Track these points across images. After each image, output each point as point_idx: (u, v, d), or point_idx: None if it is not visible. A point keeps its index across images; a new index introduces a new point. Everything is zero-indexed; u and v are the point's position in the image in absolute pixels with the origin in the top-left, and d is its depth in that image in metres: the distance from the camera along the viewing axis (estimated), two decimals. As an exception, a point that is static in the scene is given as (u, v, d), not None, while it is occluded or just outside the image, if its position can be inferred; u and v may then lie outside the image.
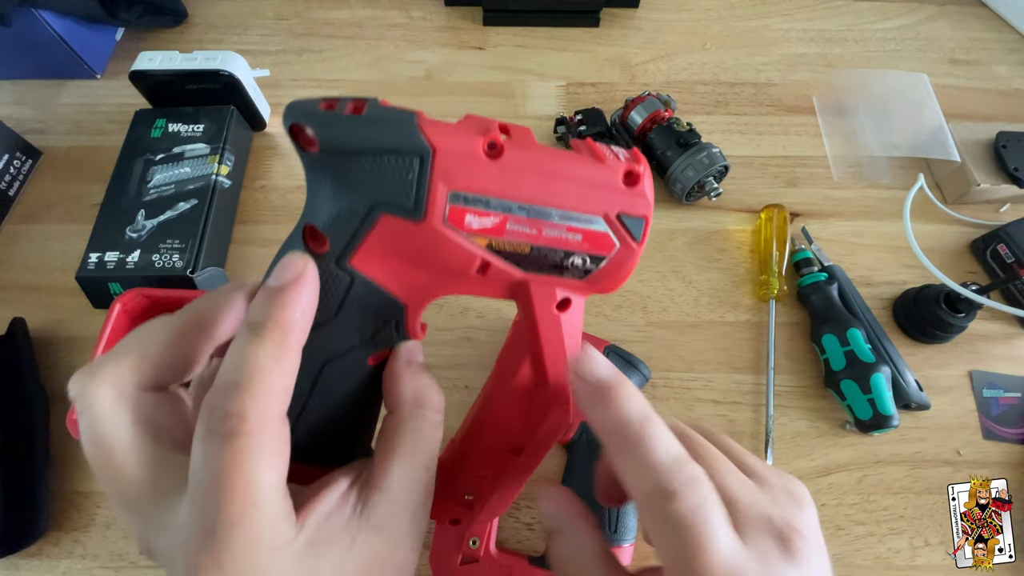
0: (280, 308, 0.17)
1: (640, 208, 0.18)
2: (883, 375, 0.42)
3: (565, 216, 0.18)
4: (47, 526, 0.39)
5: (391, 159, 0.16)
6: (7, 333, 0.44)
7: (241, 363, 0.16)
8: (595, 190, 0.18)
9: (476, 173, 0.17)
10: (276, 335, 0.16)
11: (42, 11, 0.53)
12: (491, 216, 0.17)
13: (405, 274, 0.18)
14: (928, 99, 0.58)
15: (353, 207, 0.17)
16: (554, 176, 0.17)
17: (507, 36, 0.65)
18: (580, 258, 0.18)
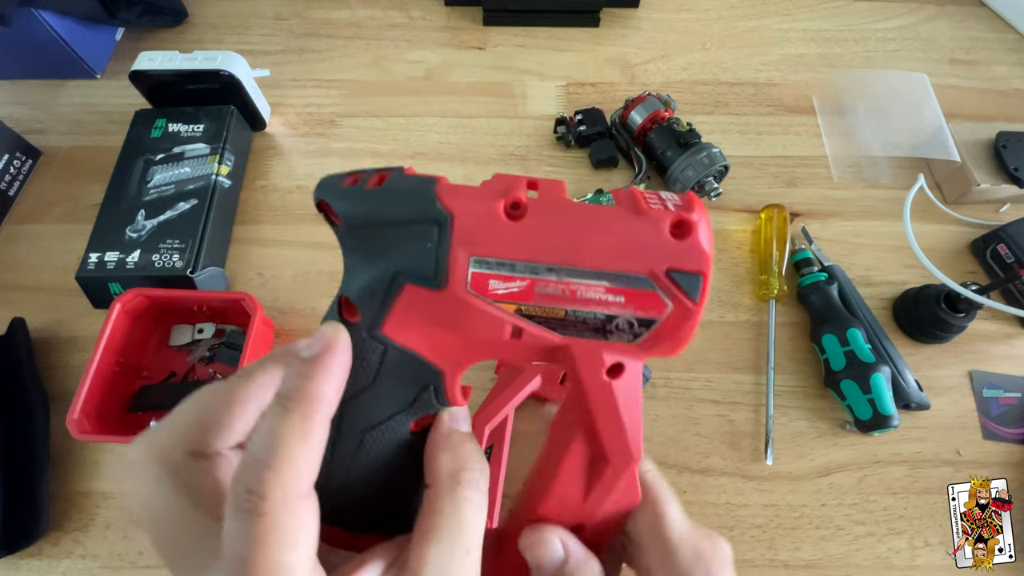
0: (308, 380, 0.16)
1: (693, 262, 0.16)
2: (883, 375, 0.42)
3: (602, 276, 0.16)
4: (47, 526, 0.39)
5: (410, 228, 0.16)
6: (7, 333, 0.44)
7: (266, 437, 0.15)
8: (636, 245, 0.16)
9: (497, 236, 0.16)
10: (303, 408, 0.16)
11: (42, 11, 0.53)
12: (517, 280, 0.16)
13: (438, 341, 0.18)
14: (928, 99, 0.58)
15: (378, 277, 0.17)
16: (586, 233, 0.16)
17: (507, 36, 0.65)
18: (626, 321, 0.17)
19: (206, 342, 0.45)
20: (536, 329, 0.17)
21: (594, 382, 0.18)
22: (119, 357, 0.42)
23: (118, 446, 0.42)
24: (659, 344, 0.17)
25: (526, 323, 0.17)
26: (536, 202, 0.16)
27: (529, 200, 0.16)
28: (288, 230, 0.52)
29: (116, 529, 0.39)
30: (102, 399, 0.40)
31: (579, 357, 0.17)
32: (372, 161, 0.56)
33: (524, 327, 0.17)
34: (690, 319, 0.16)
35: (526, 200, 0.16)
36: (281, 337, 0.46)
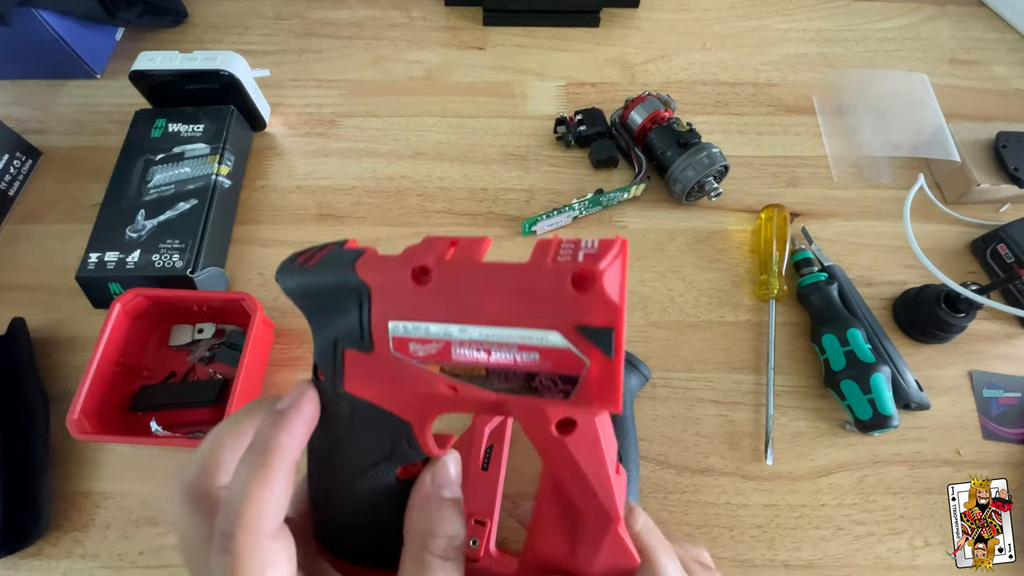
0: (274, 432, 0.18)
1: (600, 316, 0.15)
2: (883, 375, 0.42)
3: (511, 334, 0.16)
4: (47, 526, 0.39)
5: (337, 298, 0.18)
6: (7, 333, 0.44)
7: (236, 484, 0.17)
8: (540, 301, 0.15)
9: (408, 302, 0.16)
10: (265, 458, 0.17)
11: (42, 11, 0.53)
12: (433, 342, 0.16)
13: (393, 396, 0.18)
14: (928, 99, 0.58)
15: (325, 344, 0.18)
16: (490, 291, 0.16)
17: (507, 36, 0.65)
18: (548, 378, 0.16)
19: (206, 342, 0.45)
20: (466, 387, 0.17)
21: (543, 439, 0.17)
22: (119, 357, 0.42)
23: (118, 446, 0.42)
24: (592, 401, 0.16)
25: (455, 381, 0.17)
26: (444, 265, 0.16)
27: (437, 264, 0.16)
28: (288, 230, 0.52)
29: (116, 529, 0.39)
30: (102, 399, 0.40)
31: (520, 414, 0.17)
32: (372, 161, 0.56)
33: (455, 385, 0.17)
34: (612, 373, 0.15)
35: (432, 264, 0.16)
36: (281, 337, 0.46)
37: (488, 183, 0.54)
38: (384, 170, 0.55)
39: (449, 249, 0.17)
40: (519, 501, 0.25)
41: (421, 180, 0.54)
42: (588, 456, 0.17)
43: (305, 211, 0.53)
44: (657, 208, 0.54)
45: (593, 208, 0.52)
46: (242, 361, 0.40)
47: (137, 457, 0.42)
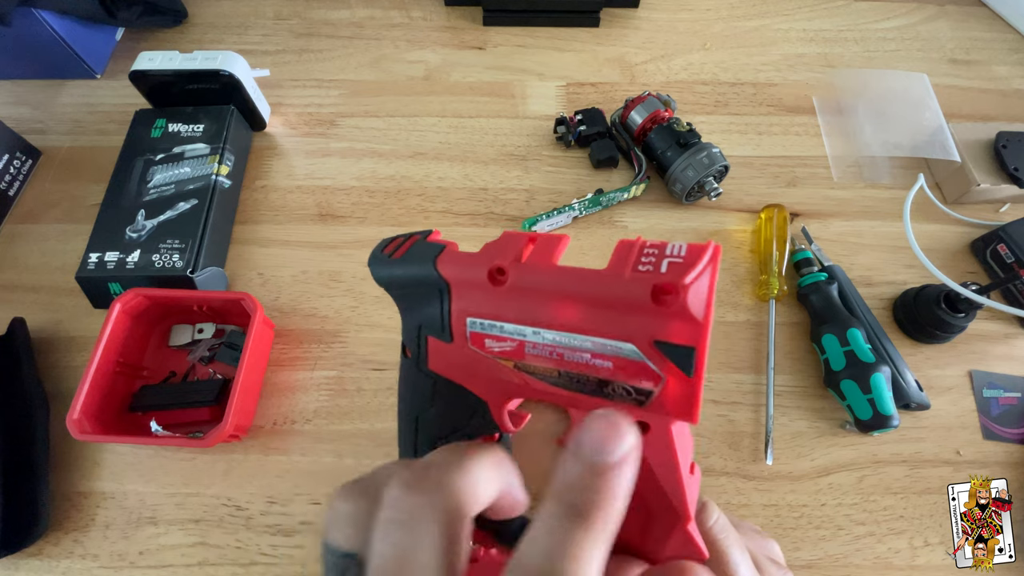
0: (610, 495, 0.14)
1: (679, 334, 0.14)
2: (883, 375, 0.42)
3: (586, 341, 0.15)
4: (47, 526, 0.39)
5: (421, 290, 0.18)
6: (7, 333, 0.44)
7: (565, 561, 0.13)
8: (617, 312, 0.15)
9: (484, 300, 0.17)
10: (608, 528, 0.13)
11: (42, 11, 0.53)
12: (507, 341, 0.17)
13: (471, 380, 0.19)
14: (928, 99, 0.58)
15: (411, 328, 0.20)
16: (564, 298, 0.16)
17: (507, 36, 0.65)
18: (621, 387, 0.15)
19: (206, 342, 0.45)
20: (539, 384, 0.17)
21: None
22: (119, 357, 0.42)
23: (118, 446, 0.42)
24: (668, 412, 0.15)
25: (528, 378, 0.17)
26: (520, 267, 0.16)
27: (512, 266, 0.16)
28: (288, 230, 0.52)
29: (116, 529, 0.39)
30: (102, 399, 0.40)
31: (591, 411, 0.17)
32: (372, 161, 0.56)
33: (527, 381, 0.17)
34: (690, 393, 0.15)
35: (508, 266, 0.16)
36: (281, 337, 0.46)
37: (488, 183, 0.54)
38: (384, 170, 0.55)
39: (527, 247, 0.17)
40: None
41: (421, 180, 0.54)
42: (660, 459, 0.16)
43: (305, 211, 0.53)
44: (657, 208, 0.54)
45: (593, 208, 0.52)
46: (242, 361, 0.40)
47: (137, 457, 0.42)
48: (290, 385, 0.44)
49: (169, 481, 0.41)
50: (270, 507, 0.40)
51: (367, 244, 0.51)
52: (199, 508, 0.40)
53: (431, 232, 0.20)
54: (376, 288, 0.48)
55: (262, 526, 0.40)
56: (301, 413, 0.43)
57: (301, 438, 0.43)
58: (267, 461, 0.42)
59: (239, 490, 0.41)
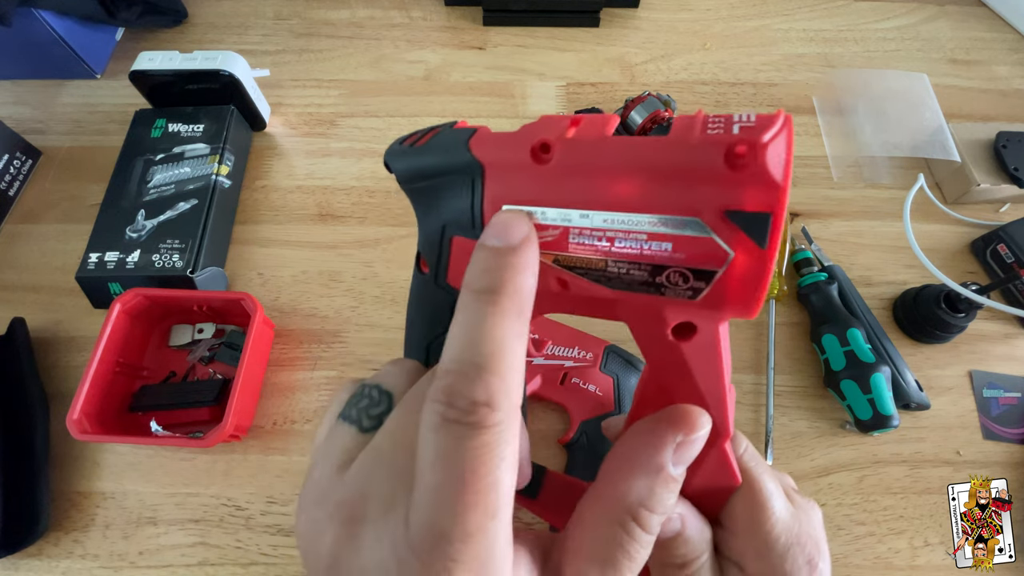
0: (514, 272, 0.14)
1: (758, 199, 0.13)
2: (883, 375, 0.42)
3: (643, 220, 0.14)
4: (47, 526, 0.39)
5: (449, 180, 0.16)
6: (7, 333, 0.44)
7: (481, 339, 0.13)
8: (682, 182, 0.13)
9: (526, 182, 0.15)
10: (516, 304, 0.14)
11: (42, 11, 0.53)
12: (550, 229, 0.15)
13: None
14: (928, 99, 0.58)
15: (432, 230, 0.17)
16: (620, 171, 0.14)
17: (507, 36, 0.65)
18: (678, 273, 0.14)
19: (206, 342, 0.45)
20: (580, 281, 0.15)
21: (658, 344, 0.15)
22: (119, 357, 0.42)
23: (118, 446, 0.42)
24: (727, 302, 0.14)
25: (568, 274, 0.15)
26: (569, 141, 0.14)
27: (561, 140, 0.14)
28: (288, 230, 0.52)
29: (116, 529, 0.39)
30: (102, 399, 0.40)
31: (636, 314, 0.15)
32: (372, 161, 0.56)
33: (567, 279, 0.15)
34: (760, 268, 0.13)
35: (554, 141, 0.14)
36: (281, 337, 0.46)
37: (488, 183, 0.54)
38: (384, 170, 0.55)
39: (571, 128, 0.15)
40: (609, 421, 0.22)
41: (421, 180, 0.54)
42: (704, 366, 0.15)
43: (305, 211, 0.53)
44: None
45: (593, 208, 0.52)
46: (242, 361, 0.40)
47: (137, 457, 0.42)
48: (290, 385, 0.44)
49: (169, 481, 0.41)
50: (270, 507, 0.40)
51: (367, 244, 0.51)
52: (199, 508, 0.40)
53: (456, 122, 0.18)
54: (376, 288, 0.49)
55: (262, 526, 0.40)
56: (301, 413, 0.43)
57: (301, 438, 0.43)
58: (267, 461, 0.42)
59: (239, 490, 0.41)
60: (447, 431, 0.13)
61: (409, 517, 0.13)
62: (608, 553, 0.15)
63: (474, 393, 0.13)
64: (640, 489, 0.16)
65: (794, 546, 0.18)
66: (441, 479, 0.13)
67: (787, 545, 0.18)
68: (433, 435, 0.13)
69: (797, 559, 0.18)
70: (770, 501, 0.18)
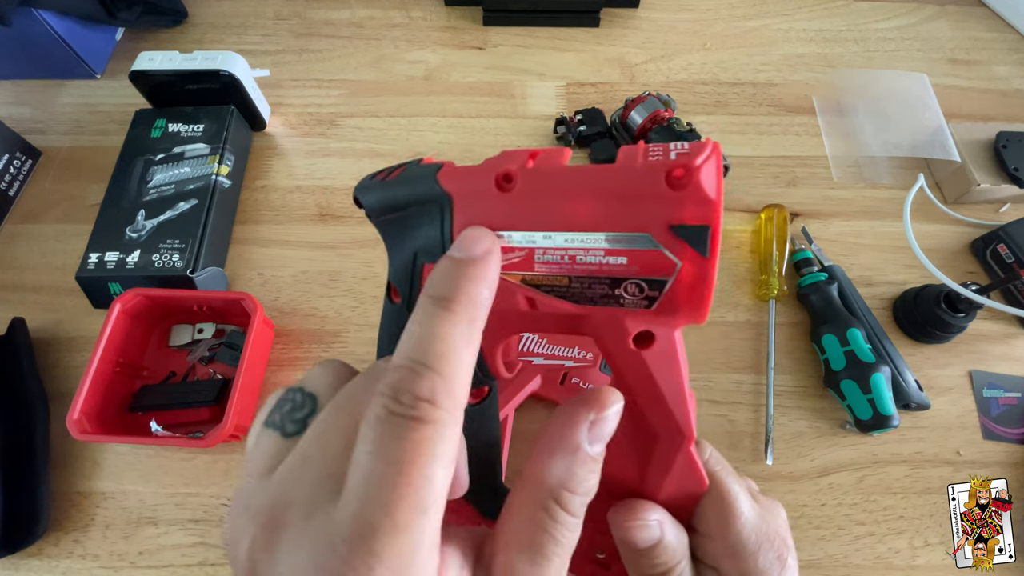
0: (471, 282, 0.15)
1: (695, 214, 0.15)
2: (883, 375, 0.42)
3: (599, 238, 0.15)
4: (47, 526, 0.39)
5: (418, 211, 0.17)
6: (7, 333, 0.44)
7: (431, 341, 0.14)
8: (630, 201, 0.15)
9: (491, 209, 0.16)
10: (469, 312, 0.15)
11: (42, 11, 0.53)
12: (516, 251, 0.16)
13: None
14: (928, 99, 0.58)
15: (403, 259, 0.18)
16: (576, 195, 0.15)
17: (507, 36, 0.65)
18: (634, 284, 0.16)
19: (206, 342, 0.45)
20: (547, 299, 0.17)
21: (621, 352, 0.17)
22: (119, 357, 0.42)
23: (118, 446, 0.42)
24: (678, 308, 0.16)
25: (535, 293, 0.17)
26: (528, 171, 0.16)
27: (521, 170, 0.16)
28: (288, 230, 0.52)
29: (116, 529, 0.39)
30: (102, 399, 0.40)
31: (600, 328, 0.17)
32: (372, 161, 0.56)
33: (534, 297, 0.17)
34: (704, 275, 0.15)
35: (516, 171, 0.16)
36: (281, 337, 0.46)
37: (488, 183, 0.54)
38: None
39: (530, 160, 0.16)
40: None
41: (421, 180, 0.54)
42: (664, 371, 0.17)
43: (305, 211, 0.53)
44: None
45: (593, 208, 0.52)
46: (242, 361, 0.40)
47: (137, 457, 0.42)
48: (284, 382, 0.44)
49: (169, 481, 0.41)
50: (270, 507, 0.40)
51: (367, 244, 0.51)
52: (199, 508, 0.40)
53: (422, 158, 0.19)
54: (377, 288, 0.49)
55: (262, 526, 0.40)
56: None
57: (301, 438, 0.42)
58: (267, 461, 0.42)
59: (239, 490, 0.41)
60: (389, 423, 0.13)
61: (335, 514, 0.13)
62: (534, 539, 0.15)
63: (418, 389, 0.13)
64: (559, 470, 0.16)
65: (764, 543, 0.19)
66: (376, 469, 0.13)
67: (757, 544, 0.19)
68: (375, 427, 0.13)
69: (768, 555, 0.19)
70: (737, 503, 0.19)
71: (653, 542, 0.18)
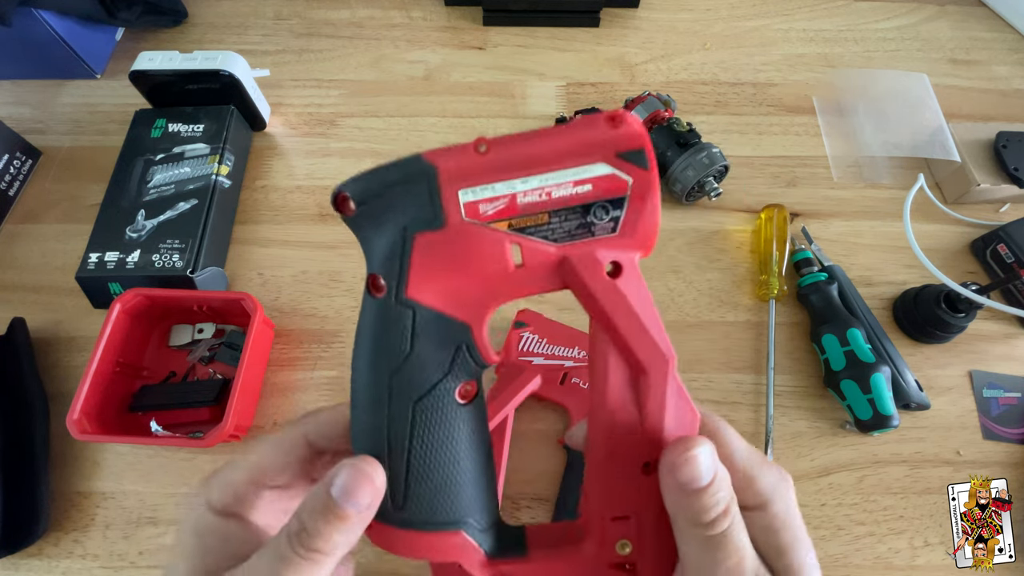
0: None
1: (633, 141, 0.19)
2: (883, 375, 0.42)
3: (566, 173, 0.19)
4: (47, 526, 0.39)
5: (407, 187, 0.20)
6: (7, 333, 0.44)
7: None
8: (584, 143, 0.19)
9: (474, 169, 0.19)
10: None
11: (42, 11, 0.53)
12: (501, 198, 0.19)
13: (456, 291, 0.20)
14: (928, 99, 0.58)
15: (392, 239, 0.20)
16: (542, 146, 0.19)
17: (507, 36, 0.65)
18: (600, 207, 0.19)
19: (206, 342, 0.45)
20: (532, 242, 0.19)
21: (599, 285, 0.19)
22: (119, 357, 0.42)
23: (118, 446, 0.42)
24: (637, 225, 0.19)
25: (521, 237, 0.19)
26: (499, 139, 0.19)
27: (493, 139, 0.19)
28: (288, 230, 0.52)
29: (116, 529, 0.39)
30: (102, 399, 0.40)
31: (578, 264, 0.19)
32: (372, 161, 0.55)
33: (521, 242, 0.19)
34: (650, 188, 0.19)
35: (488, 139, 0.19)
36: (281, 337, 0.46)
37: (488, 183, 0.54)
38: (384, 170, 0.55)
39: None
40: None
41: (421, 180, 0.54)
42: (637, 296, 0.20)
43: (305, 211, 0.53)
44: (657, 208, 0.54)
45: (593, 208, 0.52)
46: (242, 361, 0.40)
47: (137, 457, 0.42)
48: (290, 385, 0.45)
49: (169, 481, 0.41)
50: (270, 507, 0.40)
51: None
52: (199, 508, 0.40)
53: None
54: (376, 288, 0.49)
55: (262, 526, 0.40)
56: (301, 413, 0.43)
57: (301, 438, 0.43)
58: (267, 461, 0.42)
59: (239, 490, 0.41)
60: None
61: None
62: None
63: None
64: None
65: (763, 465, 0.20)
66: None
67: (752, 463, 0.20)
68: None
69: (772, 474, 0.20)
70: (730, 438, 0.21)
71: (712, 474, 0.18)
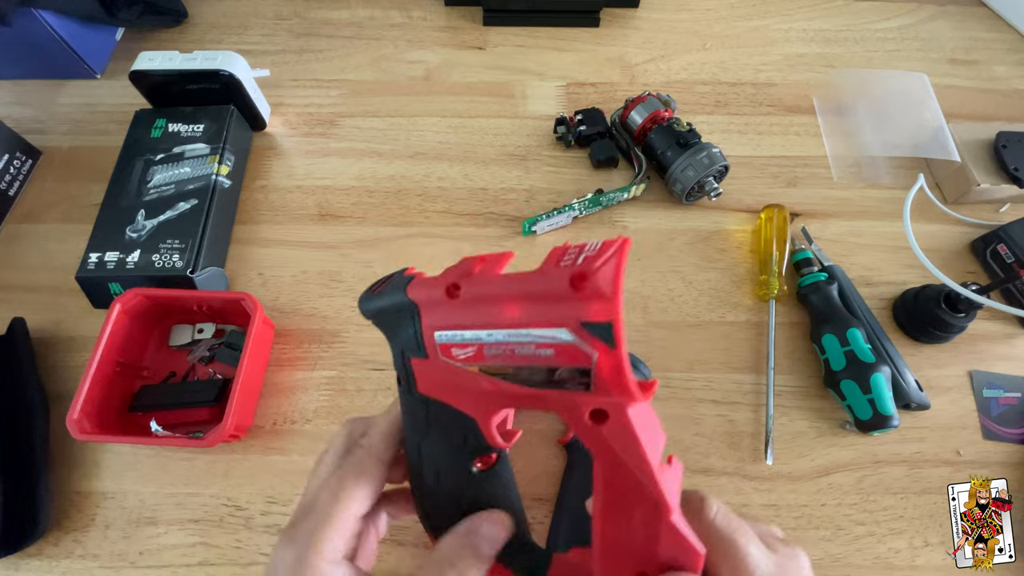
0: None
1: (597, 313, 0.16)
2: (883, 375, 0.42)
3: (529, 335, 0.18)
4: (47, 526, 0.39)
5: (398, 316, 0.22)
6: (7, 333, 0.44)
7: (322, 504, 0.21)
8: (548, 304, 0.17)
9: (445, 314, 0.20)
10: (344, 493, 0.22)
11: (42, 11, 0.53)
12: (469, 346, 0.19)
13: (455, 394, 0.21)
14: (928, 99, 0.58)
15: (396, 355, 0.23)
16: (507, 300, 0.18)
17: (507, 36, 0.65)
18: (567, 371, 0.18)
19: (206, 342, 0.45)
20: (504, 385, 0.19)
21: (581, 428, 0.18)
22: (119, 357, 0.42)
23: (118, 446, 0.42)
24: (610, 389, 0.17)
25: (492, 380, 0.19)
26: (470, 280, 0.19)
27: (464, 280, 0.19)
28: (288, 230, 0.52)
29: (116, 529, 0.39)
30: (102, 399, 0.40)
31: (558, 406, 0.19)
32: (372, 161, 0.56)
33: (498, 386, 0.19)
34: (617, 365, 0.16)
35: (461, 281, 0.19)
36: (281, 337, 0.46)
37: (488, 183, 0.54)
38: (384, 170, 0.55)
39: (477, 266, 0.20)
40: None
41: (421, 180, 0.54)
42: (624, 445, 0.18)
43: (305, 211, 0.53)
44: (657, 208, 0.54)
45: (593, 208, 0.52)
46: (242, 361, 0.40)
47: (137, 457, 0.42)
48: (290, 385, 0.45)
49: (169, 481, 0.41)
50: (270, 507, 0.40)
51: (367, 244, 0.51)
52: (199, 508, 0.40)
53: (407, 269, 0.24)
54: (376, 288, 0.49)
55: (262, 526, 0.40)
56: (301, 413, 0.43)
57: (301, 438, 0.43)
58: (267, 461, 0.42)
59: (239, 490, 0.41)
60: None
61: None
62: None
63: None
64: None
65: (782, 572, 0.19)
66: None
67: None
68: None
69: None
70: (747, 557, 0.19)
71: None
